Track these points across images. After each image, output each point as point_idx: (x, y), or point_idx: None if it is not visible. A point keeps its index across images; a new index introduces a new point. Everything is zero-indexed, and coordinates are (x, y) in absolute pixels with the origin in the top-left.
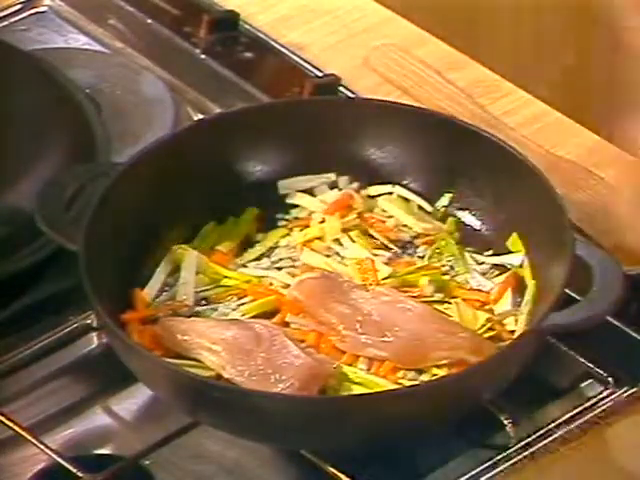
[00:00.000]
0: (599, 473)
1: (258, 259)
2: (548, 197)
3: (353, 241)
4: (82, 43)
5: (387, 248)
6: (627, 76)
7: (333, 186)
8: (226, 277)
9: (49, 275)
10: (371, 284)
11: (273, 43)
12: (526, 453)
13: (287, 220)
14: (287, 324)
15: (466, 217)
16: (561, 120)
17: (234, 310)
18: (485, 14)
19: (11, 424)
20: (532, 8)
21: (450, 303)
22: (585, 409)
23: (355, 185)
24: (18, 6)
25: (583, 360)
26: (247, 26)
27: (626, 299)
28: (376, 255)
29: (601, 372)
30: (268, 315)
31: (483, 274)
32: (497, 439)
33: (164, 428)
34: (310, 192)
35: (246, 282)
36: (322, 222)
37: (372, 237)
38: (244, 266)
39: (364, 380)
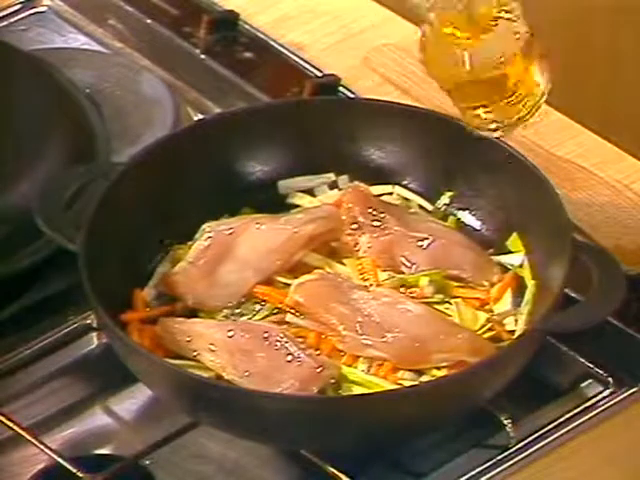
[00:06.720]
0: (599, 473)
1: None
2: (548, 197)
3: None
4: (82, 43)
5: None
6: (626, 76)
7: (333, 186)
8: None
9: (49, 275)
10: (371, 285)
11: (273, 43)
12: (526, 453)
13: None
14: (287, 324)
15: (466, 217)
16: (561, 120)
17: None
18: None
19: (11, 424)
20: (532, 8)
21: (450, 303)
22: (585, 409)
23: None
24: (18, 6)
25: (583, 360)
26: (247, 26)
27: (626, 299)
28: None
29: (601, 372)
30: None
31: None
32: (497, 439)
33: (164, 428)
34: (310, 192)
35: None
36: None
37: None
38: None
39: (364, 380)
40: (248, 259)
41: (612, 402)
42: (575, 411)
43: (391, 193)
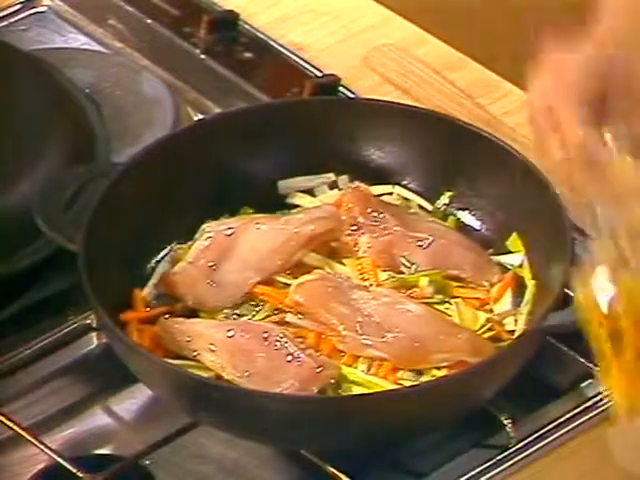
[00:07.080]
0: (599, 473)
1: None
2: (548, 197)
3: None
4: (82, 43)
5: None
6: None
7: (333, 186)
8: None
9: (49, 275)
10: (371, 285)
11: (273, 43)
12: (526, 453)
13: None
14: (287, 324)
15: (466, 217)
16: None
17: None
18: (485, 14)
19: (11, 424)
20: (531, 8)
21: (450, 303)
22: (585, 409)
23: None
24: (18, 6)
25: (583, 360)
26: (247, 26)
27: None
28: None
29: None
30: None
31: None
32: (497, 439)
33: (164, 428)
34: (310, 192)
35: None
36: None
37: None
38: None
39: (364, 380)
40: (248, 259)
41: (612, 402)
42: (575, 411)
43: (391, 193)
